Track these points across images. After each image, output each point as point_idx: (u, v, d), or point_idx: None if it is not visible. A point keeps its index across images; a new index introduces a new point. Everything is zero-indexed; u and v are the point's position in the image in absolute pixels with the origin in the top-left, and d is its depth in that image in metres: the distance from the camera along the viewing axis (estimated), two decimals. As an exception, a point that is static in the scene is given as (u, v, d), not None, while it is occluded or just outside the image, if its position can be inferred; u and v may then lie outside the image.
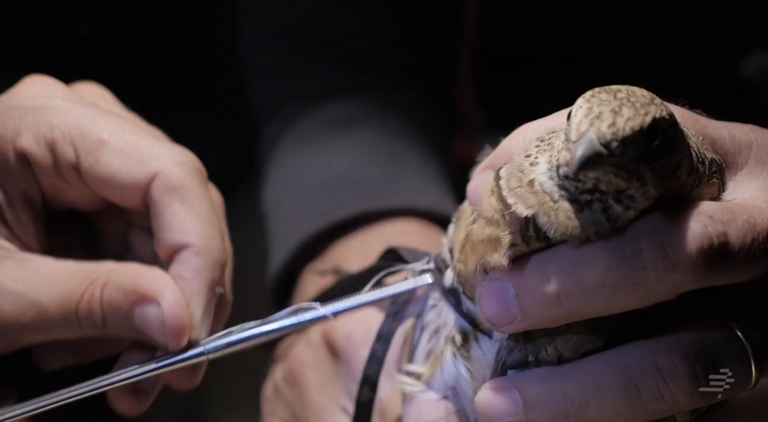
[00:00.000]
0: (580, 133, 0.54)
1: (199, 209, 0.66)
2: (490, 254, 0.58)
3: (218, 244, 0.67)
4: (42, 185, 0.68)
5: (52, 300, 0.65)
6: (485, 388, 0.59)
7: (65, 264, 0.66)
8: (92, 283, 0.65)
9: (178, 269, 0.65)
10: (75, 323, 0.66)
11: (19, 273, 0.66)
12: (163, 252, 0.66)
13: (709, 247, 0.54)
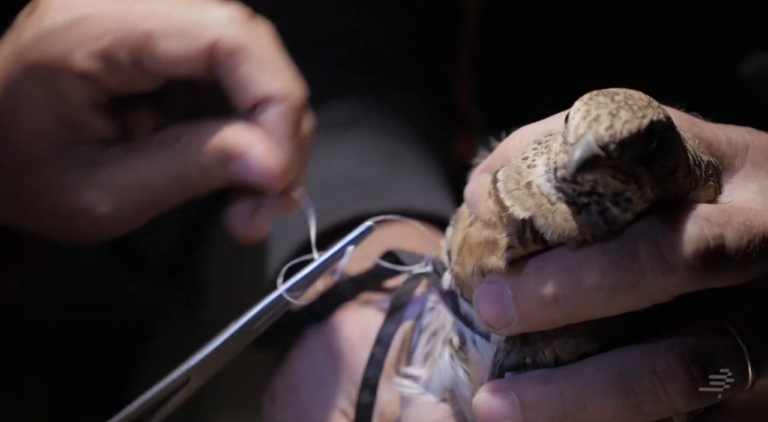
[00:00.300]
0: (577, 135, 0.54)
1: (264, 60, 0.70)
2: (487, 256, 0.58)
3: (291, 87, 0.71)
4: (108, 87, 0.71)
5: (156, 179, 0.71)
6: (483, 390, 0.59)
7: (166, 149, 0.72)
8: (185, 156, 0.71)
9: (264, 121, 0.70)
10: (181, 191, 0.72)
11: (121, 166, 0.71)
12: (246, 111, 0.71)
13: (706, 249, 0.55)
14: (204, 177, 0.71)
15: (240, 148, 0.70)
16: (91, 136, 0.72)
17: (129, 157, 0.72)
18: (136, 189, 0.72)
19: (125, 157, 0.72)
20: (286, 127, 0.70)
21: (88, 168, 0.72)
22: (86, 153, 0.72)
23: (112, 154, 0.72)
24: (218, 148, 0.70)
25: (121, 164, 0.72)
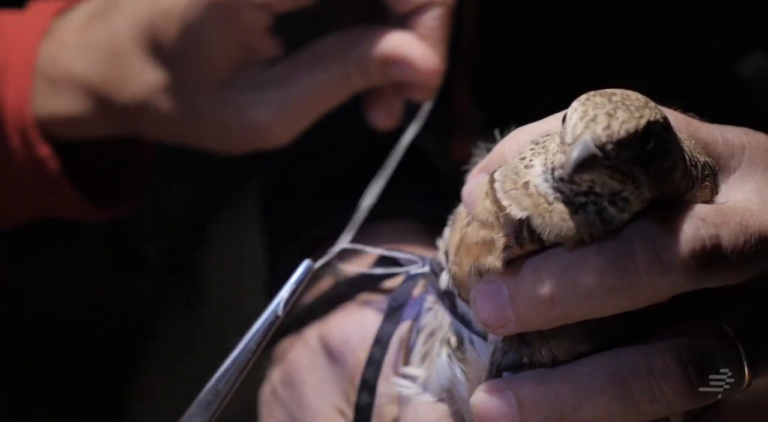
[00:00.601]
0: (575, 135, 0.55)
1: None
2: (484, 257, 0.58)
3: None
4: (278, 10, 0.78)
5: (321, 91, 0.79)
6: (480, 390, 0.59)
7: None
8: (348, 65, 0.78)
9: (421, 25, 0.78)
10: (340, 95, 0.80)
11: (288, 84, 0.79)
12: (401, 16, 0.79)
13: (702, 249, 0.55)
14: (364, 81, 0.79)
15: (404, 54, 0.78)
16: (261, 56, 0.79)
17: (294, 73, 0.79)
18: (303, 102, 0.79)
19: (291, 73, 0.79)
20: (440, 30, 0.79)
21: (258, 88, 0.79)
22: (255, 73, 0.79)
23: (278, 72, 0.79)
24: (382, 53, 0.78)
25: (288, 82, 0.79)
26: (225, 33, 0.78)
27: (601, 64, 0.95)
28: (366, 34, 0.79)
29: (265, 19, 0.78)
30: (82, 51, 0.83)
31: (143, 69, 0.81)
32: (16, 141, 0.82)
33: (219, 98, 0.80)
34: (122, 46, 0.81)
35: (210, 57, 0.79)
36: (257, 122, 0.79)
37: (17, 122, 0.82)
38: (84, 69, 0.83)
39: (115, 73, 0.82)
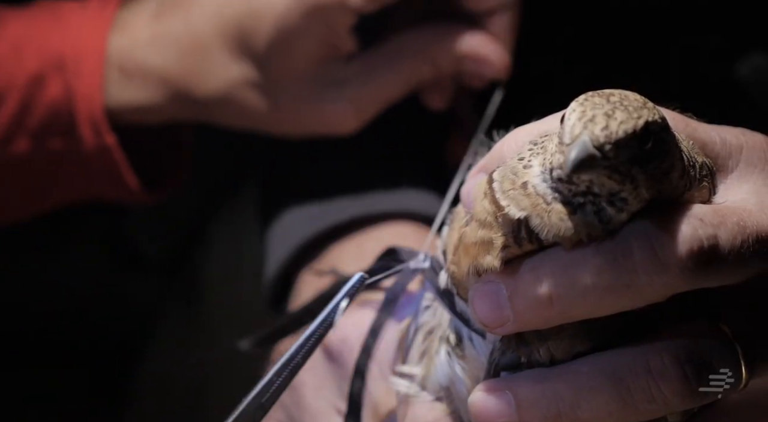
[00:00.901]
0: (573, 135, 0.55)
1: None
2: (483, 256, 0.59)
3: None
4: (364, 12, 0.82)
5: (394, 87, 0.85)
6: (478, 389, 0.59)
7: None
8: (421, 62, 0.83)
9: (494, 25, 0.84)
10: (410, 90, 0.85)
11: (363, 80, 0.84)
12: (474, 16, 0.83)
13: (699, 249, 0.55)
14: (436, 75, 0.85)
15: (479, 52, 0.83)
16: (341, 53, 0.84)
17: (372, 69, 0.84)
18: (378, 97, 0.84)
19: (367, 71, 0.84)
20: (511, 31, 0.84)
21: (337, 83, 0.84)
22: (334, 69, 0.84)
23: (356, 68, 0.84)
24: (458, 52, 0.83)
25: (365, 78, 0.84)
26: (315, 34, 0.82)
27: (600, 64, 0.95)
28: (441, 32, 0.84)
29: (352, 20, 0.82)
30: (158, 43, 0.86)
31: (228, 64, 0.85)
32: (86, 130, 0.86)
33: (300, 93, 0.84)
34: (205, 41, 0.85)
35: (297, 56, 0.83)
36: (334, 116, 0.84)
37: (88, 112, 0.86)
38: (160, 61, 0.86)
39: (196, 67, 0.86)
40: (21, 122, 0.86)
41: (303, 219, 0.85)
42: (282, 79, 0.84)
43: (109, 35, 0.87)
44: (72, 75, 0.86)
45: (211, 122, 0.89)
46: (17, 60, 0.86)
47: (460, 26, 0.84)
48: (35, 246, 1.08)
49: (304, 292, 0.82)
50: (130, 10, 0.89)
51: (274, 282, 0.85)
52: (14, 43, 0.87)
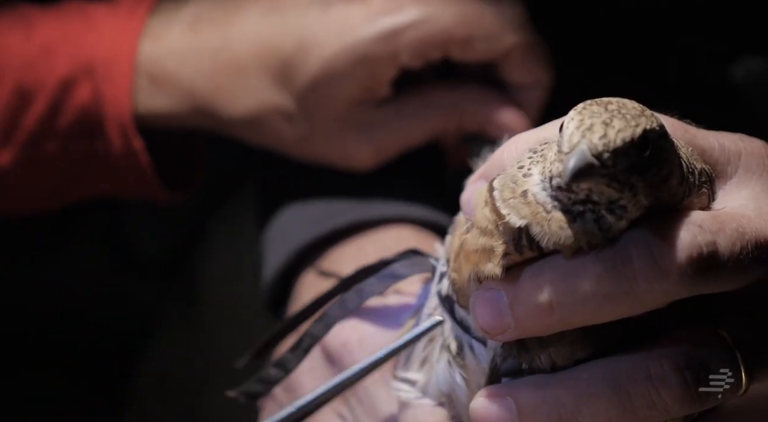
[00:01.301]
0: (572, 144, 0.55)
1: (535, 58, 0.86)
2: (483, 263, 0.59)
3: (548, 79, 0.86)
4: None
5: (418, 136, 0.87)
6: (479, 395, 0.60)
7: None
8: (449, 117, 0.86)
9: (524, 100, 0.87)
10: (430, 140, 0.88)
11: (392, 128, 0.86)
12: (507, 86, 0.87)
13: (699, 256, 0.55)
14: (459, 131, 0.87)
15: (505, 123, 0.86)
16: (376, 98, 0.85)
17: (398, 119, 0.86)
18: (401, 144, 0.87)
19: (398, 118, 0.86)
20: (538, 107, 0.87)
21: (366, 127, 0.86)
22: (366, 113, 0.86)
23: (386, 114, 0.86)
24: (486, 117, 0.86)
25: (391, 126, 0.86)
26: (358, 80, 0.84)
27: (597, 67, 0.95)
28: (472, 93, 0.87)
29: (397, 72, 0.84)
30: (192, 56, 0.87)
31: (263, 90, 0.86)
32: (114, 134, 0.87)
33: (328, 131, 0.86)
34: (244, 62, 0.86)
35: (335, 97, 0.84)
36: (355, 155, 0.87)
37: (117, 117, 0.87)
38: (192, 74, 0.87)
39: (228, 85, 0.87)
40: (50, 124, 0.87)
41: (303, 223, 0.85)
42: (315, 116, 0.85)
43: (140, 42, 0.88)
44: (102, 80, 0.87)
45: (230, 137, 0.90)
46: (47, 62, 0.87)
47: (491, 91, 0.87)
48: (34, 247, 1.08)
49: (303, 296, 0.82)
50: (162, 17, 0.89)
51: (273, 285, 0.85)
52: (44, 45, 0.88)
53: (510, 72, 0.86)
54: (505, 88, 0.87)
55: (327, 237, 0.83)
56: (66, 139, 0.88)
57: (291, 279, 0.85)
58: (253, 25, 0.86)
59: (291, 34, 0.85)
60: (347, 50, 0.83)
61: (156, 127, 0.89)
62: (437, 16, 0.83)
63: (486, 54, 0.85)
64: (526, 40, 0.85)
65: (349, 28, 0.83)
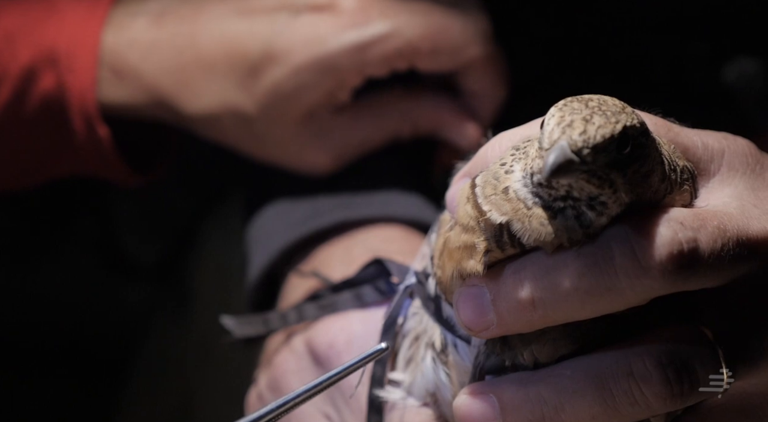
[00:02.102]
0: (552, 140, 0.55)
1: (493, 69, 0.87)
2: (466, 260, 0.59)
3: (503, 91, 0.88)
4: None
5: (374, 139, 0.88)
6: (463, 393, 0.60)
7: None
8: (404, 122, 0.87)
9: (477, 107, 0.88)
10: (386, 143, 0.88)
11: (348, 132, 0.87)
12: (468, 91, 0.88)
13: (679, 253, 0.55)
14: (412, 136, 0.88)
15: (457, 128, 0.87)
16: (336, 105, 0.86)
17: (355, 125, 0.86)
18: (356, 148, 0.87)
19: (352, 125, 0.86)
20: (490, 114, 0.88)
21: (323, 134, 0.86)
22: (322, 120, 0.86)
23: (341, 121, 0.86)
24: (440, 122, 0.87)
25: (348, 132, 0.86)
26: (323, 89, 0.84)
27: (587, 70, 0.95)
28: (426, 99, 0.88)
29: (362, 81, 0.85)
30: (156, 50, 0.87)
31: (224, 90, 0.86)
32: (78, 122, 0.87)
33: (287, 136, 0.86)
34: (210, 61, 0.86)
35: (297, 104, 0.85)
36: (313, 160, 0.87)
37: (81, 107, 0.87)
38: (154, 69, 0.87)
39: (192, 82, 0.87)
40: (15, 111, 0.88)
41: (289, 222, 0.85)
42: (275, 121, 0.86)
43: (103, 32, 0.88)
44: (65, 70, 0.87)
45: (190, 132, 0.90)
46: (10, 51, 0.87)
47: (445, 97, 0.88)
48: (26, 251, 1.08)
49: (290, 295, 0.82)
50: (127, 9, 0.89)
51: (258, 284, 0.85)
52: (7, 33, 0.88)
53: (469, 81, 0.88)
54: (460, 93, 0.89)
55: (313, 237, 0.83)
56: (31, 126, 0.88)
57: (279, 279, 0.85)
58: (221, 24, 0.87)
59: (259, 38, 0.85)
60: (315, 61, 0.84)
61: (120, 116, 0.89)
62: (404, 29, 0.84)
63: (450, 65, 0.86)
64: (489, 52, 0.86)
65: (317, 39, 0.84)
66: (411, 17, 0.84)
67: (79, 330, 1.09)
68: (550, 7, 0.94)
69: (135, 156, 0.91)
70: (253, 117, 0.86)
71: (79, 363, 1.10)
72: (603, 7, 0.93)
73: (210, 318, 1.02)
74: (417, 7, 0.84)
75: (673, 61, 0.93)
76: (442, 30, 0.85)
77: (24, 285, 1.08)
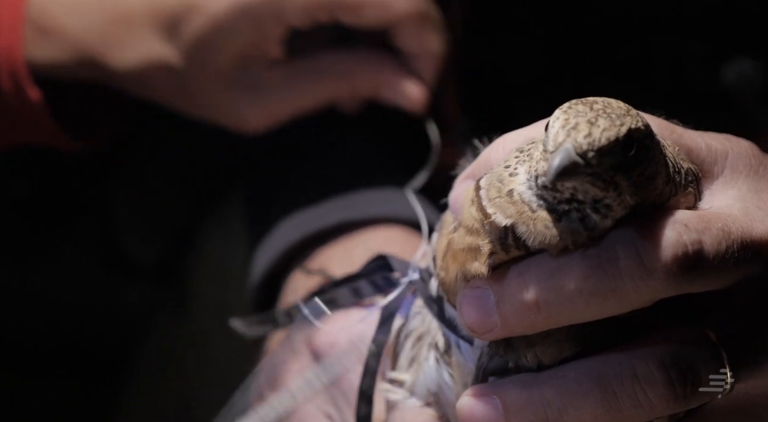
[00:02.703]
0: (557, 143, 0.55)
1: (431, 26, 0.86)
2: (470, 262, 0.59)
3: (444, 48, 0.87)
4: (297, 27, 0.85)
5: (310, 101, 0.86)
6: (466, 394, 0.60)
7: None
8: (341, 83, 0.86)
9: (420, 67, 0.87)
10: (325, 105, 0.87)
11: (282, 91, 0.86)
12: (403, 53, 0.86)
13: (684, 255, 0.55)
14: (351, 98, 0.88)
15: (397, 87, 0.86)
16: (266, 59, 0.85)
17: (289, 82, 0.86)
18: (292, 107, 0.86)
19: (287, 81, 0.86)
20: (433, 73, 0.87)
21: (256, 88, 0.86)
22: (256, 74, 0.86)
23: (277, 77, 0.86)
24: (378, 81, 0.86)
25: (282, 89, 0.86)
26: (245, 37, 0.84)
27: (587, 71, 0.95)
28: (364, 59, 0.88)
29: (285, 32, 0.85)
30: (78, 6, 0.87)
31: (152, 43, 0.86)
32: (7, 84, 0.87)
33: (217, 88, 0.86)
34: (133, 15, 0.86)
35: (223, 53, 0.85)
36: (244, 116, 0.86)
37: (9, 67, 0.86)
38: (78, 26, 0.87)
39: (116, 37, 0.87)
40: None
41: (290, 223, 0.85)
42: (201, 72, 0.86)
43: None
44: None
45: (121, 89, 0.90)
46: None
47: (384, 58, 0.88)
48: (26, 251, 1.08)
49: (291, 296, 0.82)
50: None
51: (260, 285, 0.85)
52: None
53: (403, 39, 0.87)
54: (400, 55, 0.88)
55: (315, 238, 0.83)
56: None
57: (279, 280, 0.85)
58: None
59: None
60: (232, 8, 0.84)
61: (53, 77, 0.88)
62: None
63: (376, 20, 0.85)
64: (419, 8, 0.85)
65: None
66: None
67: (79, 330, 1.09)
68: (550, 7, 0.94)
69: (76, 121, 0.90)
70: (180, 70, 0.86)
71: (79, 363, 1.10)
72: (603, 8, 0.93)
73: (210, 318, 1.02)
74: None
75: (672, 61, 0.93)
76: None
77: (24, 285, 1.08)
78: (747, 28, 0.93)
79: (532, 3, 0.93)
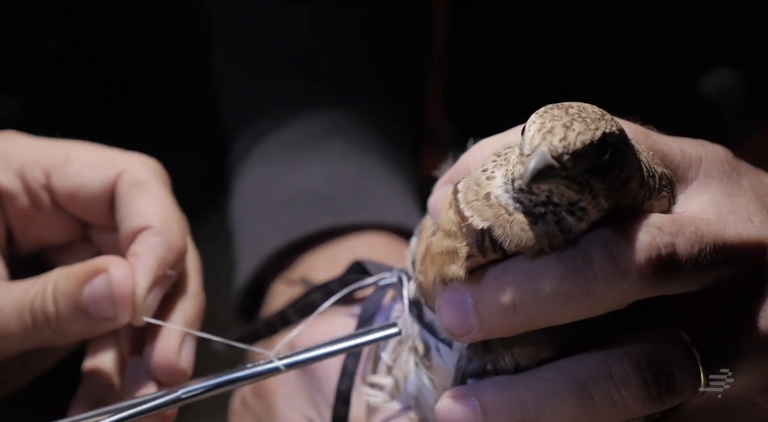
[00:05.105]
0: (532, 146, 0.56)
1: (160, 200, 0.70)
2: (448, 265, 0.60)
3: (176, 231, 0.69)
4: (11, 218, 0.71)
5: (7, 305, 0.67)
6: (445, 397, 0.61)
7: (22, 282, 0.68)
8: (44, 281, 0.67)
9: (134, 247, 0.68)
10: (30, 325, 0.67)
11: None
12: (125, 240, 0.68)
13: (657, 257, 0.56)
14: (52, 303, 0.67)
15: (100, 266, 0.67)
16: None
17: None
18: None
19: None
20: (154, 257, 0.68)
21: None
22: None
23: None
24: (78, 270, 0.67)
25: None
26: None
27: (569, 81, 0.96)
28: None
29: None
30: None
31: None
32: None
33: None
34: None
35: None
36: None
37: None
38: None
39: None
40: None
41: (275, 229, 0.86)
42: None
43: None
44: None
45: None
46: None
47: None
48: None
49: (275, 302, 0.83)
50: None
51: (245, 291, 0.86)
52: None
53: (120, 209, 0.71)
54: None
55: (299, 244, 0.84)
56: None
57: (264, 286, 0.86)
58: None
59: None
60: None
61: None
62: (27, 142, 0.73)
63: (91, 180, 0.71)
64: (144, 172, 0.72)
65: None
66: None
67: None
68: (534, 16, 0.95)
69: None
70: None
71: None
72: (585, 18, 0.94)
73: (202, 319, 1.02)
74: None
75: (653, 71, 0.94)
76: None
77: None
78: (726, 39, 0.94)
79: (515, 13, 0.93)
